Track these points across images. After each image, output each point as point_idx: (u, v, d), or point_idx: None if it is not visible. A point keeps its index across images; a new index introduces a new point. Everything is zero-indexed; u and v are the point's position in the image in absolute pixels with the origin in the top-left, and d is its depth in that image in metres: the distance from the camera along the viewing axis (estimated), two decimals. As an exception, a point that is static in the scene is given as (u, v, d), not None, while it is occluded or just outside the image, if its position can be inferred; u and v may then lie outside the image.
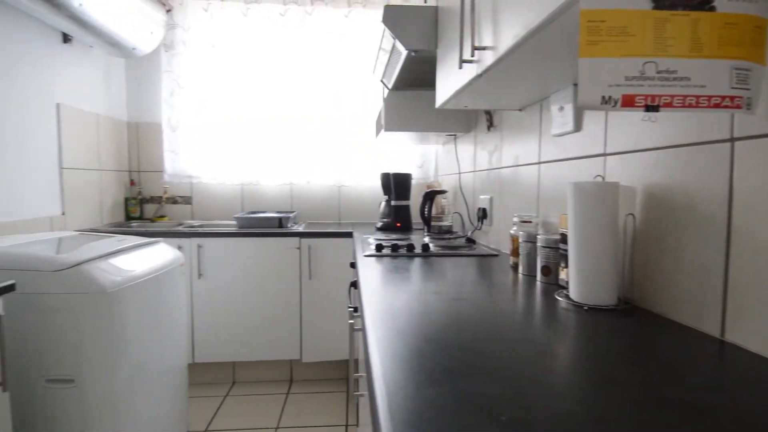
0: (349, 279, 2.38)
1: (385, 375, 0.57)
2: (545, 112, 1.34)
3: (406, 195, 2.56)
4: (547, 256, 1.09)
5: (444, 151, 2.71)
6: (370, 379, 0.58)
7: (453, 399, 0.51)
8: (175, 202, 2.83)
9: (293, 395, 2.34)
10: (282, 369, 2.51)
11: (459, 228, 2.26)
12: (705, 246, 0.75)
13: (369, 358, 0.65)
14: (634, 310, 0.89)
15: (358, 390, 1.50)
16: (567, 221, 0.94)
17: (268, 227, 2.45)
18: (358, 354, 1.55)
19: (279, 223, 2.47)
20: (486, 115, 1.81)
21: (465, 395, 0.52)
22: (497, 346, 0.69)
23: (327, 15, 2.78)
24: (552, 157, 1.29)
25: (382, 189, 2.64)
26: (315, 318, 2.39)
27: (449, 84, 1.31)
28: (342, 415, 2.14)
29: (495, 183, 1.76)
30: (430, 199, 2.16)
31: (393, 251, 1.60)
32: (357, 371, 1.60)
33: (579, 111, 1.13)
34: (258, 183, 2.85)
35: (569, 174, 1.19)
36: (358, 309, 1.39)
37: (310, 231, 2.39)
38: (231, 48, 2.74)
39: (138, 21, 2.27)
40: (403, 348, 0.68)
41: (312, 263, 2.37)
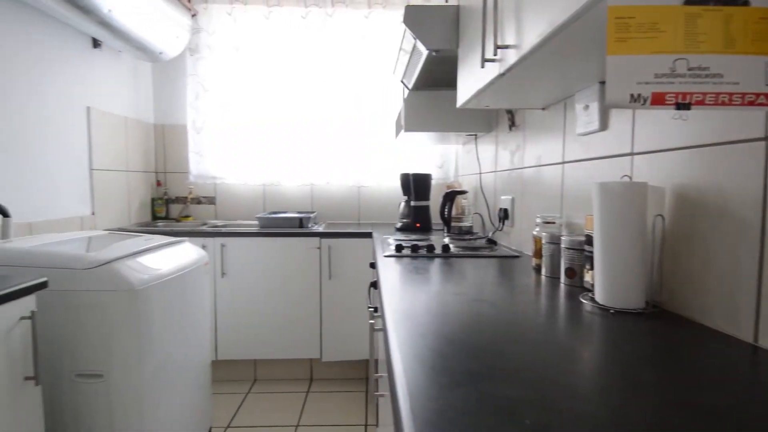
0: (369, 279, 2.38)
1: (407, 376, 0.57)
2: (569, 110, 1.31)
3: (425, 195, 2.55)
4: (572, 257, 1.07)
5: (464, 151, 2.69)
6: (391, 380, 0.58)
7: (475, 401, 0.51)
8: (200, 202, 2.90)
9: (313, 394, 2.36)
10: (302, 368, 2.54)
11: (479, 229, 2.24)
12: (738, 249, 0.73)
13: (390, 358, 0.65)
14: (662, 313, 0.86)
15: (378, 390, 1.50)
16: (592, 222, 0.92)
17: (289, 227, 2.48)
18: (378, 354, 1.55)
19: (300, 224, 2.49)
20: (508, 115, 1.79)
21: (487, 397, 0.51)
22: (520, 348, 0.68)
23: (347, 16, 2.79)
24: (576, 157, 1.26)
25: (401, 189, 2.64)
26: (335, 318, 2.41)
27: (471, 83, 1.30)
28: (361, 415, 2.14)
29: (517, 183, 1.74)
30: (450, 200, 2.14)
31: (413, 252, 1.60)
32: (377, 371, 1.60)
33: (605, 109, 1.10)
34: (279, 184, 2.89)
35: (595, 174, 1.16)
36: (378, 309, 1.39)
37: (330, 231, 2.41)
38: (253, 51, 2.79)
39: (164, 26, 2.33)
40: (425, 349, 0.67)
41: (332, 263, 2.39)
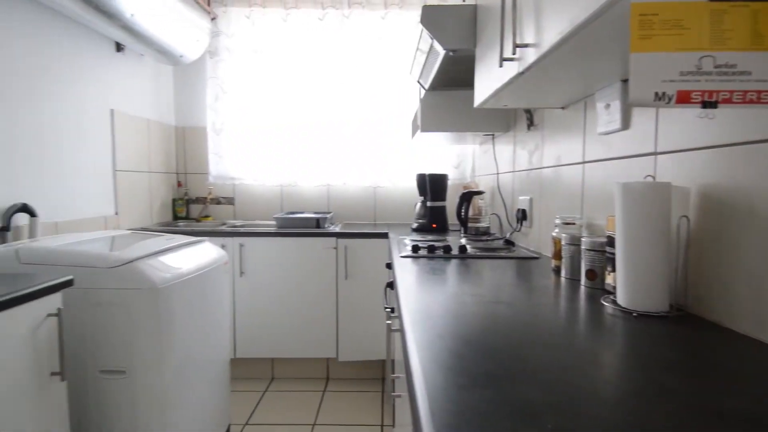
0: (385, 279, 2.38)
1: (426, 377, 0.57)
2: (590, 109, 1.29)
3: (442, 196, 2.54)
4: (593, 259, 1.05)
5: (481, 151, 2.67)
6: (410, 381, 0.58)
7: (495, 403, 0.50)
8: (219, 202, 2.94)
9: (329, 393, 2.37)
10: (319, 367, 2.55)
11: (497, 229, 2.22)
12: (767, 250, 0.70)
13: (408, 359, 0.65)
14: (687, 317, 0.84)
15: (394, 391, 1.50)
16: (614, 223, 0.90)
17: (306, 227, 2.50)
18: (394, 355, 1.55)
19: (316, 224, 2.51)
20: (526, 114, 1.77)
21: (508, 399, 0.51)
22: (540, 351, 0.67)
23: (364, 18, 2.80)
24: (597, 157, 1.24)
25: (417, 190, 2.63)
26: (351, 318, 2.42)
27: (488, 83, 1.29)
28: (377, 415, 2.14)
29: (535, 183, 1.71)
30: (466, 200, 2.13)
31: (429, 252, 1.59)
32: (393, 372, 1.60)
33: (627, 108, 1.08)
34: (296, 184, 2.91)
35: (616, 174, 1.14)
36: (394, 310, 1.39)
37: (346, 231, 2.42)
38: (271, 53, 2.82)
39: (185, 29, 2.38)
40: (443, 350, 0.67)
41: (348, 263, 2.40)
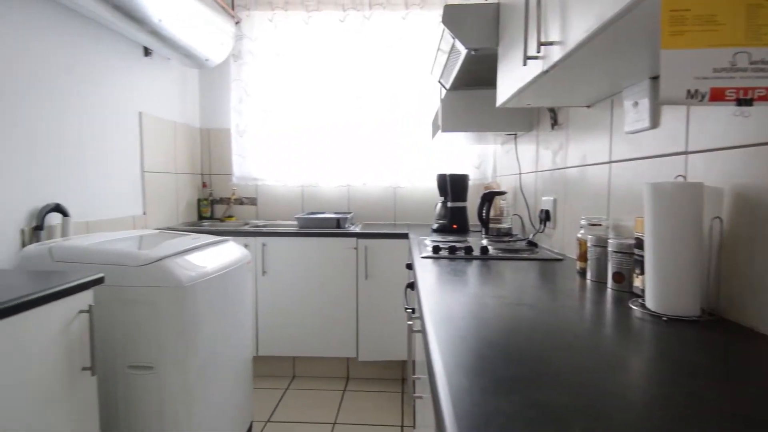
0: (405, 280, 2.38)
1: (449, 379, 0.57)
2: (617, 108, 1.26)
3: (462, 196, 2.52)
4: (620, 261, 1.02)
5: (503, 151, 2.63)
6: (432, 383, 0.58)
7: (521, 406, 0.49)
8: (242, 203, 3.00)
9: (350, 392, 2.38)
10: (339, 366, 2.57)
11: (519, 230, 2.19)
12: (809, 254, 0.67)
13: (431, 361, 0.65)
14: (719, 322, 0.81)
15: (415, 392, 1.50)
16: (643, 224, 0.88)
17: (326, 227, 2.52)
18: (415, 355, 1.55)
19: (337, 224, 2.53)
20: (550, 113, 1.74)
21: (534, 403, 0.50)
22: (566, 354, 0.66)
23: (385, 18, 2.80)
24: (625, 156, 1.21)
25: (438, 190, 2.62)
26: (371, 318, 2.42)
27: (511, 82, 1.27)
28: (397, 416, 2.14)
29: (559, 184, 1.68)
30: (488, 201, 2.11)
31: (450, 253, 1.58)
32: (414, 373, 1.59)
33: (656, 106, 1.05)
34: (317, 185, 2.94)
35: (645, 174, 1.11)
36: (415, 310, 1.39)
37: (366, 232, 2.42)
38: (293, 55, 2.85)
39: (210, 34, 2.43)
40: (466, 352, 0.67)
41: (368, 263, 2.40)
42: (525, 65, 1.06)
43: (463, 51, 1.47)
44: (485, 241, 1.87)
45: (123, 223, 2.21)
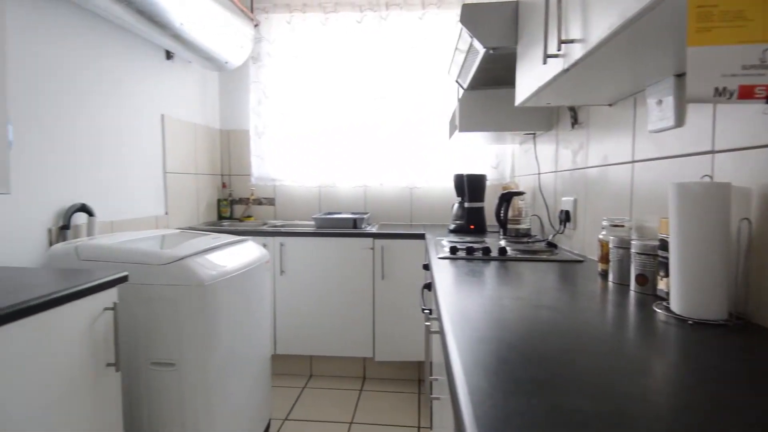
0: (421, 280, 2.38)
1: (468, 380, 0.56)
2: (640, 106, 1.23)
3: (480, 197, 2.50)
4: (643, 263, 1.00)
5: (521, 151, 2.60)
6: (452, 385, 0.58)
7: (544, 411, 0.49)
8: (260, 203, 3.03)
9: (366, 392, 2.39)
10: (356, 366, 2.57)
11: (538, 231, 2.17)
12: None
13: (449, 362, 0.65)
14: (748, 326, 0.79)
15: (432, 393, 1.49)
16: (667, 226, 0.86)
17: (343, 228, 2.53)
18: (432, 356, 1.54)
19: (353, 224, 2.54)
20: (570, 112, 1.71)
21: (557, 408, 0.49)
22: (588, 357, 0.65)
23: (401, 19, 2.80)
24: (648, 156, 1.19)
25: (455, 190, 2.60)
26: (387, 318, 2.42)
27: (531, 81, 1.26)
28: (414, 417, 2.14)
29: (579, 184, 1.66)
30: (506, 201, 2.09)
31: (468, 254, 1.57)
32: (431, 374, 1.59)
33: (681, 104, 1.02)
34: (334, 185, 2.96)
35: (670, 174, 1.08)
36: (432, 311, 1.38)
37: (383, 232, 2.43)
38: (311, 57, 2.88)
39: (230, 37, 2.46)
40: (486, 354, 0.66)
41: (385, 264, 2.41)
42: (545, 64, 1.04)
43: (481, 50, 1.46)
44: (503, 242, 1.85)
45: (146, 223, 2.26)
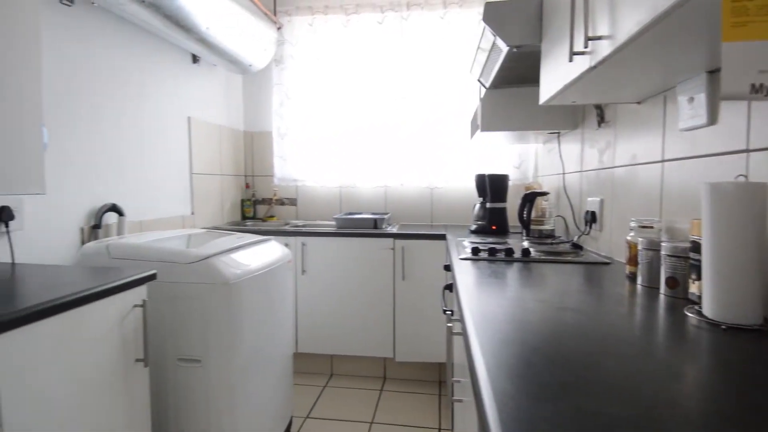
0: (442, 281, 2.36)
1: (493, 384, 0.56)
2: (670, 103, 1.20)
3: (502, 197, 2.47)
4: (674, 266, 0.97)
5: (545, 150, 2.56)
6: (476, 387, 0.57)
7: (570, 414, 0.48)
8: (283, 203, 3.07)
9: (386, 392, 2.39)
10: (376, 366, 2.58)
11: (562, 232, 2.12)
12: None
13: (473, 364, 0.64)
14: (788, 333, 0.75)
15: (454, 395, 1.48)
16: (700, 227, 0.83)
17: (364, 228, 2.54)
18: (454, 358, 1.53)
19: (374, 224, 2.54)
20: (596, 110, 1.67)
21: (585, 412, 0.48)
22: (616, 362, 0.63)
23: (423, 18, 2.80)
24: (679, 155, 1.15)
25: (476, 191, 2.58)
26: (408, 318, 2.42)
27: (556, 79, 1.23)
28: (435, 418, 2.13)
29: (606, 184, 1.62)
30: (529, 201, 2.06)
31: (490, 255, 1.56)
32: (453, 375, 1.58)
33: (714, 101, 0.99)
34: (355, 186, 2.97)
35: (702, 173, 1.05)
36: (454, 313, 1.37)
37: (403, 233, 2.42)
38: (332, 59, 2.90)
39: (254, 40, 2.50)
40: (510, 357, 0.65)
41: (405, 264, 2.40)
42: (571, 61, 1.02)
43: (505, 49, 1.45)
44: (526, 243, 1.82)
45: (173, 223, 2.32)
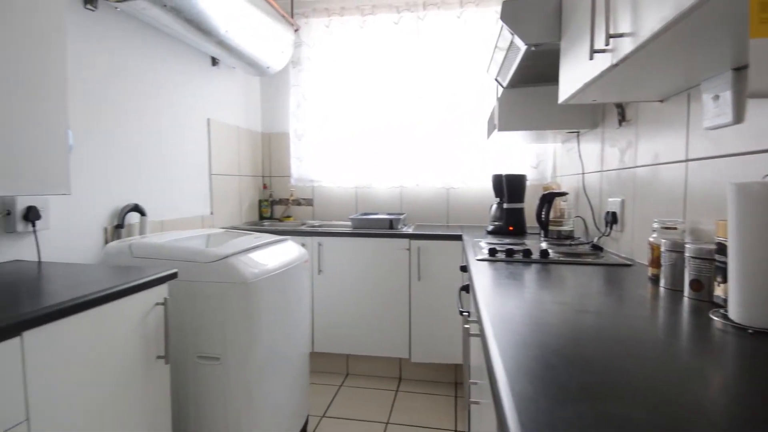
0: (458, 282, 2.35)
1: (512, 386, 0.55)
2: (693, 102, 1.17)
3: (519, 197, 2.44)
4: (699, 268, 0.95)
5: (564, 150, 2.52)
6: (494, 389, 0.57)
7: (592, 417, 0.47)
8: (299, 203, 3.10)
9: (402, 393, 2.39)
10: (392, 366, 2.58)
11: (582, 233, 2.09)
12: None
13: (492, 366, 0.63)
14: (820, 338, 0.73)
15: (471, 397, 1.47)
16: (725, 228, 0.80)
17: (379, 228, 2.54)
18: (471, 360, 1.52)
19: (390, 225, 2.54)
20: (617, 109, 1.64)
21: (607, 416, 0.48)
22: (638, 365, 0.62)
23: (439, 18, 2.79)
24: (703, 154, 1.12)
25: (493, 191, 2.56)
26: (424, 319, 2.41)
27: (575, 77, 1.22)
28: (451, 419, 2.12)
29: (627, 184, 1.59)
30: (548, 202, 2.03)
31: (508, 256, 1.54)
32: (470, 377, 1.57)
33: (740, 99, 0.96)
34: (371, 186, 2.97)
35: (727, 173, 1.02)
36: (471, 314, 1.36)
37: (419, 233, 2.42)
38: (349, 60, 2.91)
39: (272, 42, 2.53)
40: (529, 359, 0.65)
41: (421, 264, 2.40)
42: (591, 59, 1.01)
43: (523, 47, 1.43)
44: (545, 244, 1.80)
45: (192, 223, 2.36)
